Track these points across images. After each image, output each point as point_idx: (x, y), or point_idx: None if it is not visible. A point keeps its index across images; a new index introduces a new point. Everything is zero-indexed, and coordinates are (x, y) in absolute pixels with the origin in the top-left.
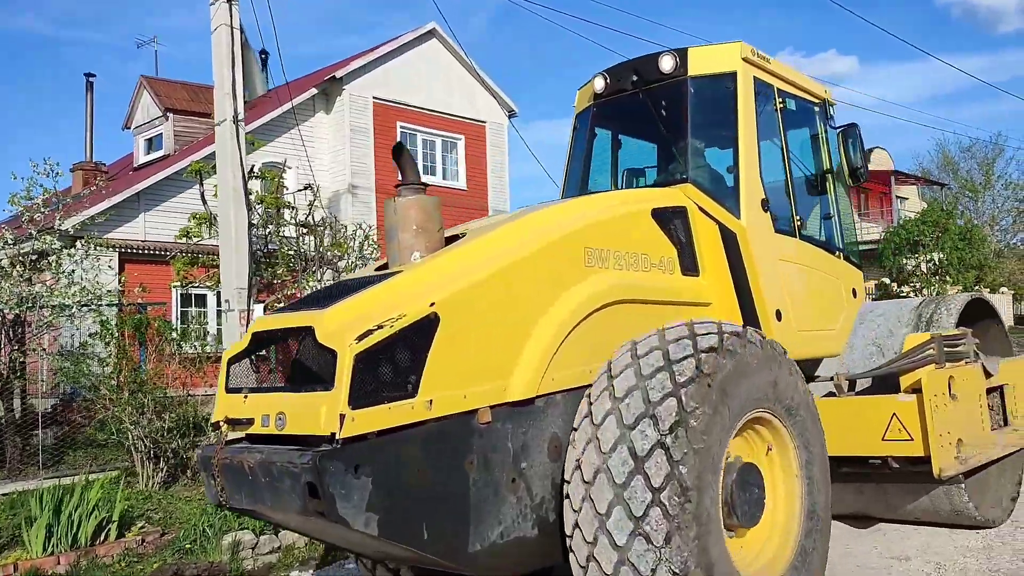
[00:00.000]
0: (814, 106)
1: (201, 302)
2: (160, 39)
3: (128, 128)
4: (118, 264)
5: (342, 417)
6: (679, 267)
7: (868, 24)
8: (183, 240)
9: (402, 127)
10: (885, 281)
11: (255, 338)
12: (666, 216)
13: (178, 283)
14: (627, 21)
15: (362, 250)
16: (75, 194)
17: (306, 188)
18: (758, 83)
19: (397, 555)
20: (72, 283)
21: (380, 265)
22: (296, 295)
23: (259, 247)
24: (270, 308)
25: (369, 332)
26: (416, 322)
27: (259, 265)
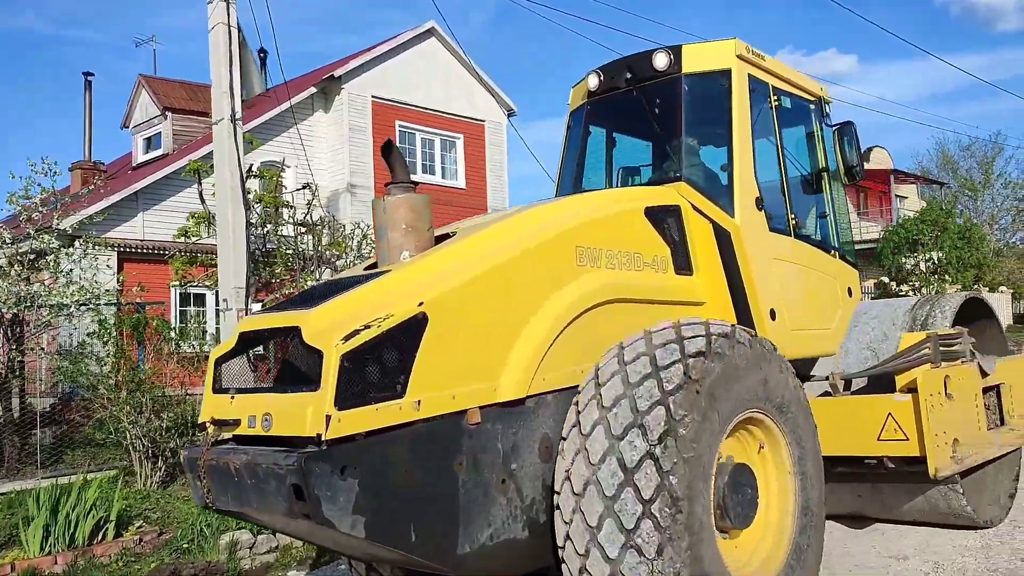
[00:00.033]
0: (810, 104)
1: (200, 301)
2: (159, 38)
3: (127, 127)
4: (117, 263)
5: (328, 418)
6: (672, 266)
7: (868, 23)
8: (181, 239)
9: (401, 126)
10: (884, 280)
11: (242, 338)
12: (659, 215)
13: (177, 282)
14: (626, 20)
15: (360, 249)
16: (73, 193)
17: (304, 187)
18: (753, 80)
19: (385, 557)
20: (70, 282)
21: (369, 264)
22: (294, 294)
23: (257, 246)
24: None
25: (356, 332)
26: (404, 322)
27: (257, 264)
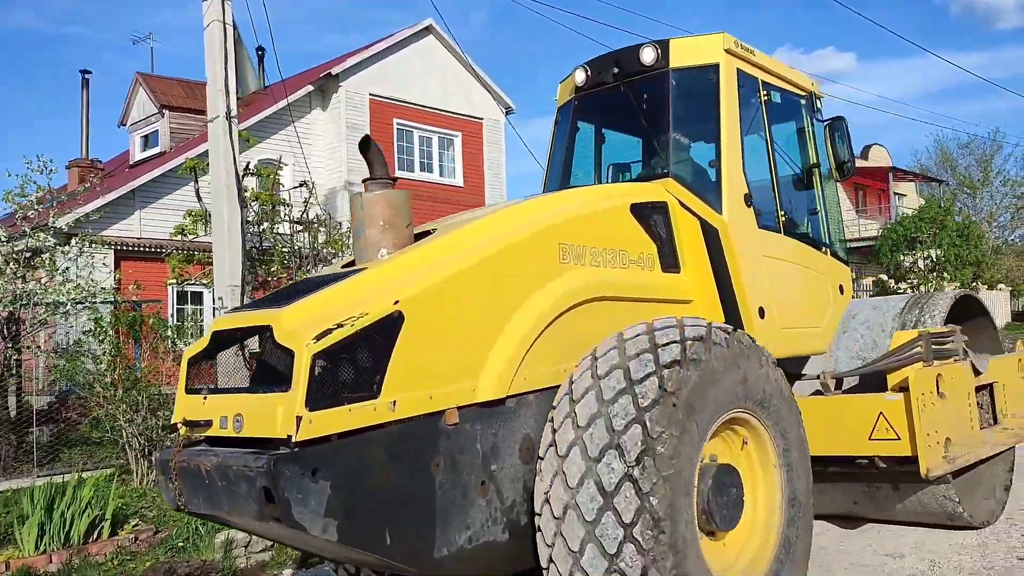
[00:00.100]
0: (800, 99)
1: (197, 299)
2: (156, 36)
3: (124, 125)
4: (114, 261)
5: (299, 419)
6: (659, 263)
7: (866, 21)
8: (178, 237)
9: (399, 124)
10: (883, 278)
11: (215, 337)
12: (645, 211)
13: (174, 280)
14: (625, 18)
15: None
16: (70, 191)
17: (302, 185)
18: (741, 75)
19: (359, 560)
20: (66, 280)
21: (347, 262)
22: None
23: (254, 244)
24: None
25: (328, 331)
26: (379, 321)
27: (254, 263)
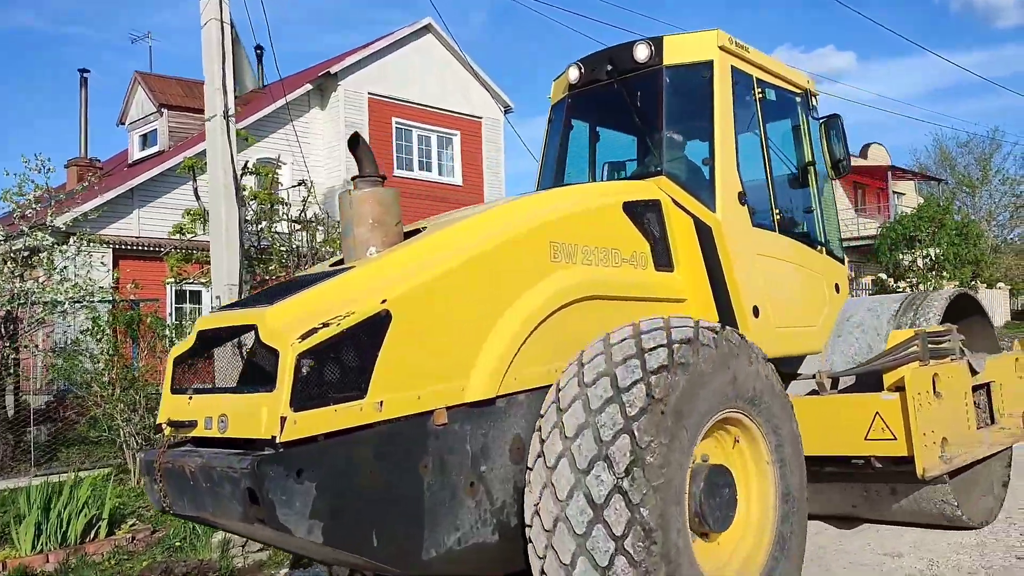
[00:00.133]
0: (795, 96)
1: (195, 299)
2: (156, 35)
3: (123, 124)
4: (112, 260)
5: (283, 419)
6: (652, 262)
7: (866, 20)
8: (177, 236)
9: (397, 123)
10: (882, 277)
11: (201, 337)
12: (638, 210)
13: (172, 279)
14: (624, 17)
15: None
16: (69, 191)
17: (300, 184)
18: (736, 72)
19: (348, 562)
20: (64, 279)
21: (336, 261)
22: None
23: (252, 244)
24: None
25: (314, 331)
26: (365, 320)
27: (252, 262)
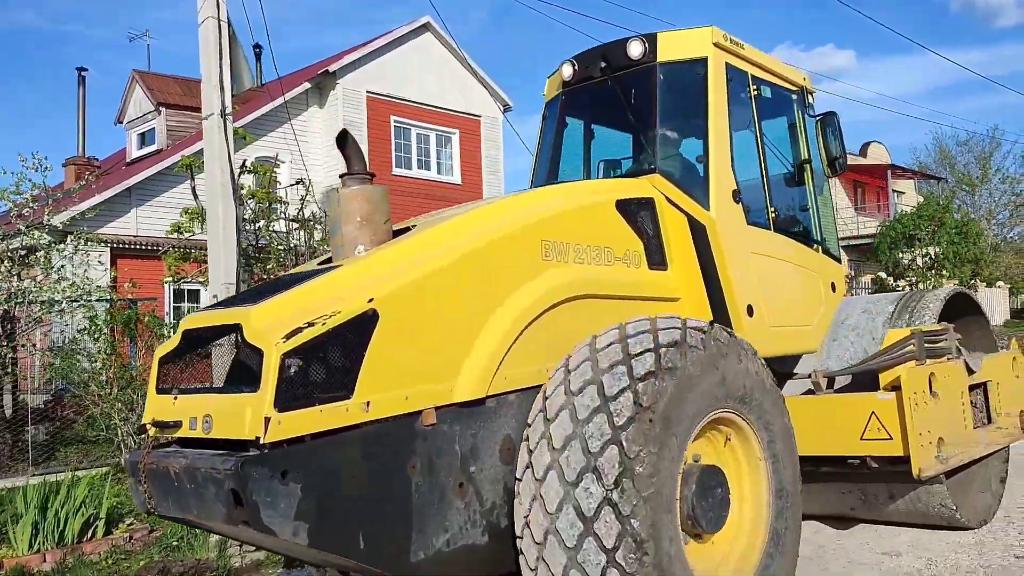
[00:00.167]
0: (791, 94)
1: (193, 298)
2: (155, 33)
3: (121, 123)
4: (110, 259)
5: (267, 420)
6: (646, 261)
7: (866, 18)
8: (175, 235)
9: (396, 121)
10: (881, 275)
11: (186, 336)
12: (632, 208)
13: (170, 278)
14: (623, 16)
15: None
16: (67, 189)
17: (298, 183)
18: (730, 69)
19: (335, 564)
20: (61, 278)
21: (324, 259)
22: None
23: (250, 242)
24: None
25: (299, 330)
26: (352, 319)
27: (250, 261)
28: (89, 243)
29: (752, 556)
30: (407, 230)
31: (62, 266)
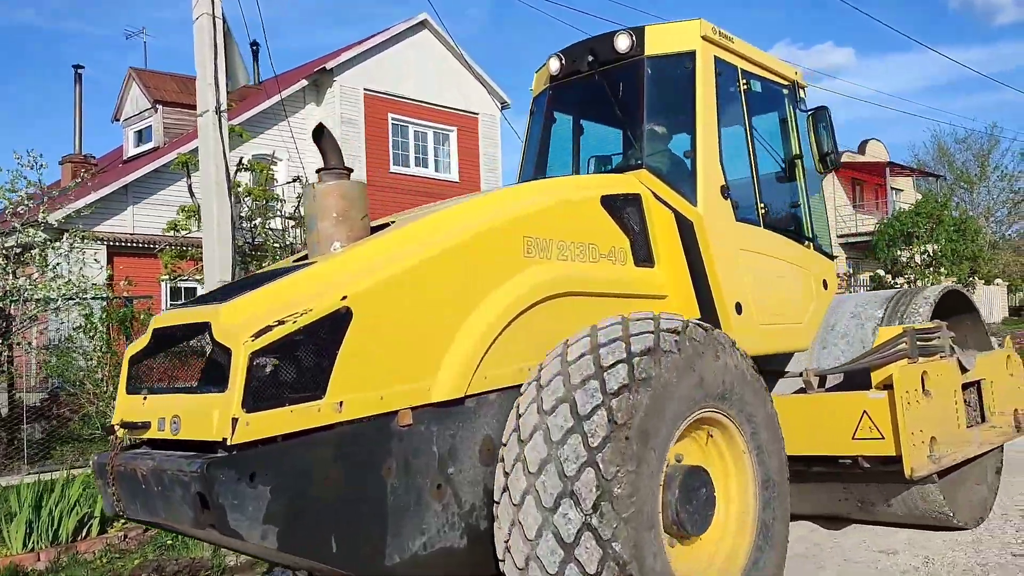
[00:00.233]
0: (782, 88)
1: (190, 295)
2: (153, 31)
3: (118, 120)
4: (106, 257)
5: (235, 421)
6: (632, 258)
7: (865, 16)
8: (171, 233)
9: (393, 119)
10: (880, 273)
11: (156, 335)
12: (617, 204)
13: (166, 276)
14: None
15: None
16: (63, 187)
17: (295, 180)
18: (719, 63)
19: (308, 567)
20: (57, 276)
21: (300, 256)
22: None
23: (247, 240)
24: None
25: (268, 328)
26: (324, 317)
27: (246, 258)
28: (85, 241)
29: (741, 551)
30: (386, 226)
31: (58, 264)
